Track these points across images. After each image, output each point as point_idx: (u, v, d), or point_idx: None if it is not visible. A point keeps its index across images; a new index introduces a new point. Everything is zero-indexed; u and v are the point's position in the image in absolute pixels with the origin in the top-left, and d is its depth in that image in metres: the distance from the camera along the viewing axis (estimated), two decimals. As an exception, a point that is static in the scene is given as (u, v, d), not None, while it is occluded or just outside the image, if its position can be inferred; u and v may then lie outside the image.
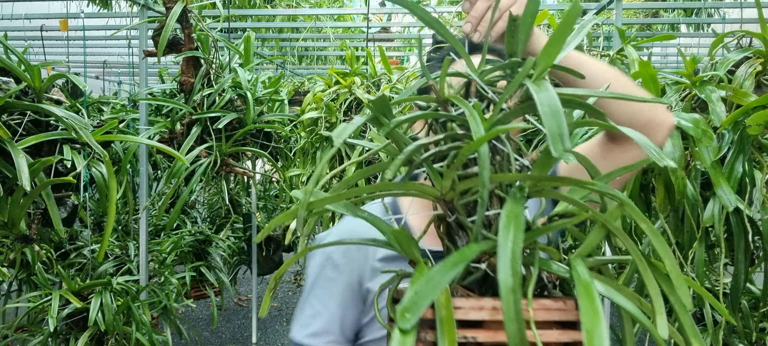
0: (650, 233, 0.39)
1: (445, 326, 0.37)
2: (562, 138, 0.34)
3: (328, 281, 0.89)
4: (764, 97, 0.92)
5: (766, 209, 1.06)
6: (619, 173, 0.47)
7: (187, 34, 1.81)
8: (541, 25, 1.62)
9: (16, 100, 1.31)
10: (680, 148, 0.96)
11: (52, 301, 1.85)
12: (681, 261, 1.13)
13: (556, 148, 0.33)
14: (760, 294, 1.79)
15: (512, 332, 0.33)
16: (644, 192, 1.14)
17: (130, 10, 3.09)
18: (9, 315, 2.34)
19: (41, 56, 3.26)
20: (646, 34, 4.24)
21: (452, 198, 0.46)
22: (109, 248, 2.51)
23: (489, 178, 0.39)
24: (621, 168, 0.47)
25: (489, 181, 0.39)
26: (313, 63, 5.52)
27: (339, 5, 5.17)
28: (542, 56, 0.42)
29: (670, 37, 1.39)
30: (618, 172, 0.47)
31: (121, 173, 2.03)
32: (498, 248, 0.35)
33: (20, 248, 1.51)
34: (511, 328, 0.33)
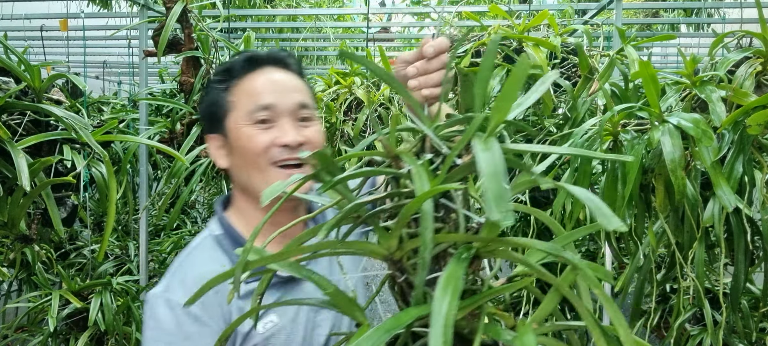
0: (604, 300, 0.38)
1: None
2: (500, 200, 0.33)
3: (189, 338, 0.79)
4: (764, 97, 0.92)
5: (766, 209, 1.06)
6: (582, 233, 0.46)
7: (187, 34, 1.80)
8: (541, 26, 1.62)
9: (16, 100, 1.31)
10: (680, 148, 0.96)
11: (52, 301, 1.85)
12: (681, 261, 1.13)
13: (493, 211, 0.32)
14: (760, 294, 1.79)
15: None
16: (644, 192, 1.14)
17: (130, 10, 3.09)
18: (9, 315, 2.34)
19: (41, 56, 3.26)
20: (646, 34, 4.24)
21: (401, 258, 0.44)
22: (109, 248, 2.51)
23: (431, 239, 0.38)
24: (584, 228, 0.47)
25: (431, 242, 0.38)
26: (313, 63, 5.52)
27: (339, 5, 5.18)
28: (494, 111, 0.40)
29: (670, 37, 1.39)
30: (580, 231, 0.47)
31: (121, 173, 2.03)
32: (431, 315, 0.34)
33: (20, 247, 1.51)
34: None
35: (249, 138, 0.86)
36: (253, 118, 0.86)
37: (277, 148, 0.86)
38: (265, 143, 0.86)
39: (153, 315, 0.80)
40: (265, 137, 0.86)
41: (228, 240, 0.89)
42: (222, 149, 0.92)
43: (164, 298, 0.81)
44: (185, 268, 0.85)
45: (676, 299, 1.26)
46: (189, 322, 0.79)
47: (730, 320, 1.43)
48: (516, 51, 1.44)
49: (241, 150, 0.87)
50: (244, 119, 0.87)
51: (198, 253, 0.88)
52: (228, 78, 0.91)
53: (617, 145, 1.10)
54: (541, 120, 1.62)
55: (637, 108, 1.05)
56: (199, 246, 0.89)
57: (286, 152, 0.86)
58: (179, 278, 0.83)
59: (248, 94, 0.88)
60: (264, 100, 0.87)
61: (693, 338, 1.82)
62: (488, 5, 2.84)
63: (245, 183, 0.89)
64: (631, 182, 1.01)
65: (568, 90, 1.43)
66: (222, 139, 0.91)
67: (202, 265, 0.85)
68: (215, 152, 0.93)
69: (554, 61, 1.47)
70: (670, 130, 0.97)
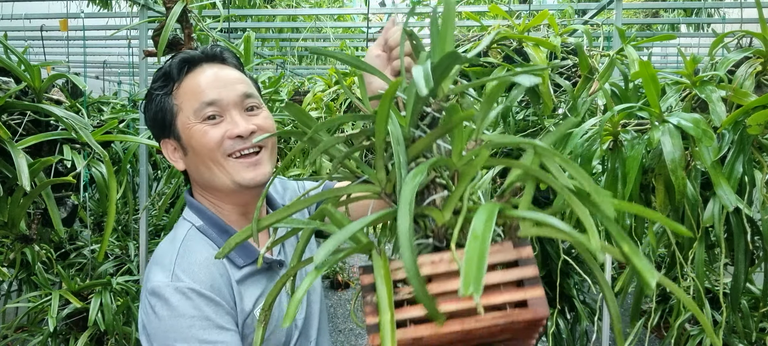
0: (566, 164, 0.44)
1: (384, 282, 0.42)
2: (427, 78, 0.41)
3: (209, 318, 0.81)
4: (764, 97, 0.92)
5: (766, 209, 1.06)
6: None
7: (187, 34, 1.80)
8: (541, 25, 1.62)
9: (16, 100, 1.31)
10: (680, 148, 0.96)
11: (52, 301, 1.85)
12: (681, 261, 1.13)
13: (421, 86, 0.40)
14: (760, 294, 1.79)
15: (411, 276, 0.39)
16: (644, 192, 1.14)
17: (130, 10, 3.09)
18: (9, 315, 2.34)
19: (41, 56, 3.26)
20: (646, 34, 4.24)
21: (391, 190, 0.50)
22: (109, 247, 2.51)
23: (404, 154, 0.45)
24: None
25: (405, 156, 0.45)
26: (313, 63, 5.52)
27: (339, 5, 5.17)
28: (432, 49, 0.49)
29: (670, 37, 1.39)
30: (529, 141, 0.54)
31: (121, 173, 2.03)
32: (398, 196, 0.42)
33: (20, 248, 1.51)
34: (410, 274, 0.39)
35: (201, 135, 0.87)
36: (201, 115, 0.88)
37: (229, 141, 0.87)
38: (218, 138, 0.87)
39: (166, 305, 0.80)
40: (217, 132, 0.87)
41: (212, 229, 0.91)
42: (177, 152, 0.93)
43: (173, 286, 0.81)
44: (184, 257, 0.85)
45: (676, 299, 1.26)
46: (205, 304, 0.81)
47: (730, 320, 1.43)
48: (516, 51, 1.44)
49: (196, 148, 0.88)
50: (193, 118, 0.88)
51: (191, 243, 0.88)
52: (168, 82, 0.92)
53: (617, 145, 1.10)
54: (541, 120, 1.62)
55: (637, 108, 1.05)
56: (188, 237, 0.89)
57: (240, 143, 0.88)
58: (182, 267, 0.84)
59: (192, 94, 0.89)
60: (208, 97, 0.88)
61: (693, 338, 1.82)
62: (488, 5, 2.84)
63: (207, 180, 0.90)
64: (631, 182, 1.01)
65: (568, 90, 1.43)
66: (174, 142, 0.92)
67: (200, 252, 0.87)
68: (171, 156, 0.94)
69: (554, 61, 1.47)
70: (670, 130, 0.97)
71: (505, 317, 0.42)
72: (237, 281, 0.88)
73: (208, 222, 0.92)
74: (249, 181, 0.88)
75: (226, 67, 0.94)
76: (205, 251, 0.87)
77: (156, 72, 0.94)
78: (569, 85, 1.43)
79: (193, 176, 0.94)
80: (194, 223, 0.92)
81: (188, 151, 0.90)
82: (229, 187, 0.89)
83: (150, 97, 0.94)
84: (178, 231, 0.92)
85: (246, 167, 0.88)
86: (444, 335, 0.42)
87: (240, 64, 0.97)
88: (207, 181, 0.91)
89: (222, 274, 0.86)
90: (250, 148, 0.89)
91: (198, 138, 0.88)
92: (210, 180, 0.90)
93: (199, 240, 0.89)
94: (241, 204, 0.94)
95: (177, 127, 0.90)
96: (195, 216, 0.93)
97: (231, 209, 0.94)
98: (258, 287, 0.90)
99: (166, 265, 0.85)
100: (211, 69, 0.92)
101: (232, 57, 0.96)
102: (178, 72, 0.91)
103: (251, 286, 0.90)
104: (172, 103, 0.91)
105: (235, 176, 0.88)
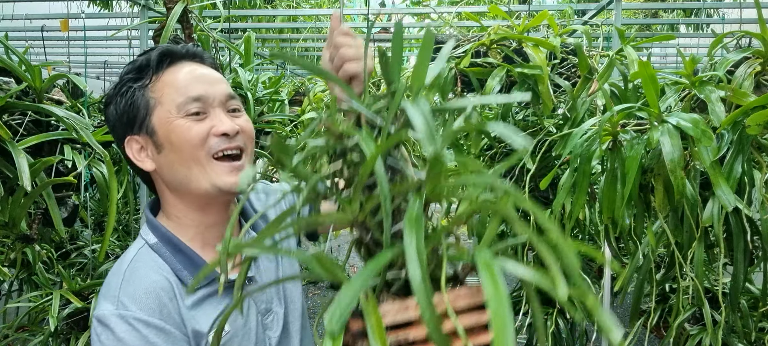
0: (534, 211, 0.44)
1: (375, 331, 0.41)
2: (431, 137, 0.41)
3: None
4: (764, 97, 0.92)
5: (765, 209, 1.07)
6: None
7: (187, 34, 1.81)
8: (541, 26, 1.62)
9: (17, 101, 1.32)
10: (679, 148, 0.96)
11: (53, 301, 1.85)
12: (681, 261, 1.13)
13: (427, 146, 0.40)
14: (760, 294, 1.80)
15: (428, 320, 0.38)
16: (643, 192, 1.14)
17: (131, 10, 3.09)
18: (9, 315, 2.34)
19: (42, 56, 3.26)
20: (646, 34, 4.24)
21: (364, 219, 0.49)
22: (110, 247, 2.51)
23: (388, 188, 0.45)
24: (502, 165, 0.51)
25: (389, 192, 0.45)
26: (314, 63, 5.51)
27: (339, 6, 5.17)
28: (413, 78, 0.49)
29: (669, 38, 1.40)
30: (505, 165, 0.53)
31: (122, 173, 2.04)
32: (405, 248, 0.40)
33: (21, 247, 1.51)
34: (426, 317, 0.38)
35: (185, 130, 0.82)
36: (185, 110, 0.82)
37: (215, 138, 0.83)
38: (202, 134, 0.82)
39: (111, 335, 0.75)
40: (202, 128, 0.82)
41: (166, 247, 0.85)
42: (144, 151, 0.87)
43: (118, 315, 0.76)
44: (130, 283, 0.80)
45: (676, 298, 1.27)
46: (153, 334, 0.76)
47: (729, 319, 1.44)
48: (516, 51, 1.44)
49: (177, 144, 0.82)
50: (175, 112, 0.82)
51: (138, 266, 0.83)
52: (144, 75, 0.86)
53: (617, 145, 1.10)
54: (541, 120, 1.62)
55: (637, 108, 1.05)
56: (136, 259, 0.84)
57: (225, 141, 0.83)
58: (128, 294, 0.79)
59: (174, 88, 0.84)
60: (194, 92, 0.83)
61: (692, 337, 1.82)
62: (488, 5, 2.84)
63: (182, 180, 0.84)
64: (631, 182, 1.01)
65: (567, 90, 1.43)
66: (144, 139, 0.86)
67: (147, 277, 0.81)
68: (136, 156, 0.87)
69: (554, 62, 1.47)
70: (670, 130, 0.98)
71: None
72: (189, 306, 0.82)
73: (162, 239, 0.86)
74: (230, 185, 0.83)
75: (206, 68, 0.90)
76: (154, 273, 0.82)
77: (128, 64, 0.88)
78: (569, 86, 1.43)
79: (165, 176, 0.86)
80: (148, 240, 0.86)
81: (164, 147, 0.84)
82: (205, 190, 0.83)
83: (120, 90, 0.86)
84: (129, 251, 0.87)
85: (229, 172, 0.83)
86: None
87: (217, 68, 0.93)
88: (181, 181, 0.84)
89: (171, 299, 0.80)
90: (233, 149, 0.84)
91: (180, 133, 0.82)
92: (185, 180, 0.84)
93: (148, 261, 0.84)
94: (209, 213, 0.89)
95: (152, 123, 0.84)
96: (150, 233, 0.87)
97: (195, 219, 0.88)
98: (217, 308, 0.84)
99: (112, 290, 0.80)
100: (192, 66, 0.88)
101: (210, 59, 0.92)
102: (157, 64, 0.86)
103: (208, 307, 0.84)
104: (148, 96, 0.85)
105: (215, 179, 0.83)
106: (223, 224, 0.91)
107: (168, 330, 0.78)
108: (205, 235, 0.89)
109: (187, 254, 0.86)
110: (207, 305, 0.84)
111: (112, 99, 0.88)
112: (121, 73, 0.88)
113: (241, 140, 0.86)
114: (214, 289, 0.85)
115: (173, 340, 0.78)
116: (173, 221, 0.88)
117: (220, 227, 0.91)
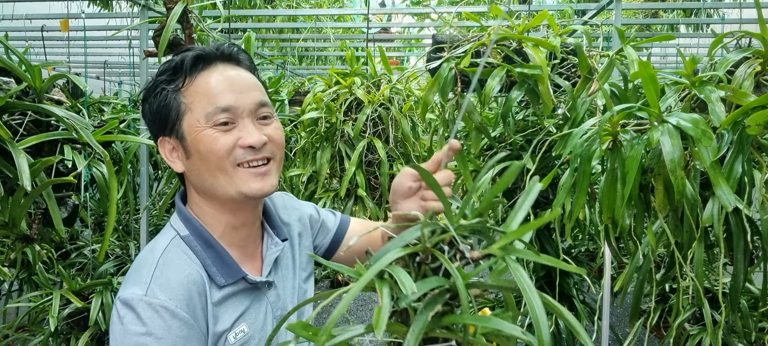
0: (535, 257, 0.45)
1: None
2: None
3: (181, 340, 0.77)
4: (764, 97, 0.92)
5: (765, 209, 1.07)
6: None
7: (187, 34, 1.81)
8: (541, 26, 1.62)
9: (17, 101, 1.32)
10: (679, 148, 0.96)
11: (53, 301, 1.85)
12: (681, 261, 1.13)
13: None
14: (760, 294, 1.80)
15: None
16: (643, 192, 1.14)
17: (131, 10, 3.09)
18: (10, 315, 2.34)
19: (42, 56, 3.26)
20: (646, 34, 4.24)
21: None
22: (109, 247, 2.51)
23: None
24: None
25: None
26: (314, 63, 5.52)
27: (339, 5, 5.18)
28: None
29: (669, 38, 1.39)
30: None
31: (122, 173, 2.04)
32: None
33: (21, 247, 1.51)
34: None
35: (211, 141, 0.82)
36: (213, 120, 0.82)
37: (241, 150, 0.83)
38: (229, 146, 0.82)
39: (136, 318, 0.76)
40: (228, 139, 0.82)
41: (197, 241, 0.86)
42: (175, 152, 0.88)
43: (146, 302, 0.77)
44: (165, 273, 0.81)
45: (676, 298, 1.27)
46: (177, 325, 0.77)
47: (729, 319, 1.44)
48: (516, 51, 1.44)
49: (204, 154, 0.83)
50: (204, 121, 0.82)
51: (172, 256, 0.84)
52: (177, 77, 0.85)
53: (617, 145, 1.10)
54: (541, 120, 1.62)
55: (637, 108, 1.05)
56: (169, 249, 0.85)
57: (251, 153, 0.83)
58: (159, 283, 0.79)
59: (205, 95, 0.83)
60: (223, 102, 0.82)
61: (692, 337, 1.82)
62: (488, 5, 2.84)
63: (208, 186, 0.85)
64: (631, 182, 1.01)
65: (567, 90, 1.43)
66: (175, 141, 0.86)
67: (180, 269, 0.82)
68: (168, 156, 0.88)
69: (554, 62, 1.47)
70: (670, 130, 0.97)
71: None
72: (215, 302, 0.83)
73: (194, 233, 0.87)
74: (256, 191, 0.84)
75: (240, 69, 0.88)
76: (186, 266, 0.83)
77: (164, 63, 0.88)
78: (569, 86, 1.43)
79: (193, 180, 0.88)
80: (179, 232, 0.87)
81: (192, 154, 0.85)
82: (231, 196, 0.84)
83: (154, 90, 0.87)
84: (160, 239, 0.87)
85: (254, 177, 0.84)
86: None
87: (254, 67, 0.92)
88: (208, 187, 0.86)
89: (200, 294, 0.81)
90: (260, 160, 0.84)
91: (207, 143, 0.82)
92: (211, 187, 0.85)
93: (180, 253, 0.85)
94: (237, 216, 0.90)
95: (182, 128, 0.85)
96: (182, 225, 0.88)
97: (222, 220, 0.89)
98: (239, 308, 0.86)
99: (143, 276, 0.80)
100: (226, 70, 0.86)
101: (247, 59, 0.91)
102: (191, 67, 0.85)
103: (231, 306, 0.85)
104: (179, 100, 0.84)
105: (241, 186, 0.84)
106: (249, 225, 0.93)
107: (191, 325, 0.78)
108: (232, 235, 0.90)
109: (217, 250, 0.87)
110: (229, 304, 0.85)
111: (148, 97, 0.88)
112: (157, 72, 0.88)
113: (268, 151, 0.86)
114: (239, 288, 0.87)
115: (195, 335, 0.78)
116: (201, 218, 0.89)
117: (246, 228, 0.92)
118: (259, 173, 0.84)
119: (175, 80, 0.85)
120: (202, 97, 0.83)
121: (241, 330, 0.85)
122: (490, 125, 1.81)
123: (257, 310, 0.89)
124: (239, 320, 0.85)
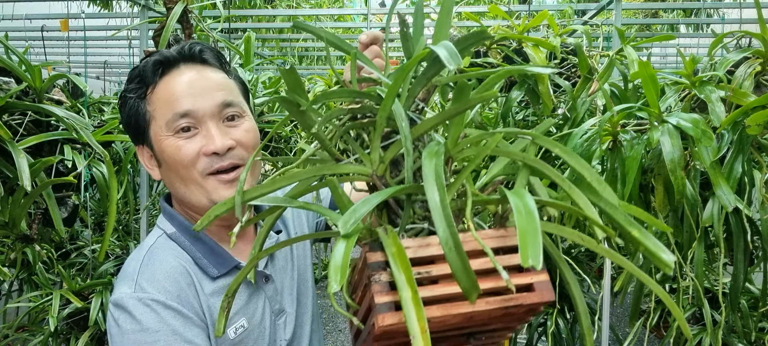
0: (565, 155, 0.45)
1: (397, 259, 0.40)
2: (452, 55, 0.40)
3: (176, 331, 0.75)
4: (763, 97, 0.92)
5: (765, 209, 1.07)
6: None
7: (187, 34, 1.81)
8: (541, 26, 1.62)
9: (17, 101, 1.31)
10: (680, 148, 0.96)
11: (53, 301, 1.85)
12: (681, 261, 1.13)
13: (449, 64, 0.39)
14: (759, 294, 1.80)
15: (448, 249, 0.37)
16: (644, 192, 1.14)
17: (131, 10, 3.09)
18: (10, 315, 2.35)
19: (42, 56, 3.26)
20: (646, 34, 4.24)
21: (383, 172, 0.49)
22: (109, 247, 2.51)
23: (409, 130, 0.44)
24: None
25: (410, 133, 0.44)
26: (314, 63, 5.52)
27: (339, 5, 5.18)
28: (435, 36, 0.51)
29: (669, 38, 1.39)
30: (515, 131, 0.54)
31: (122, 173, 2.04)
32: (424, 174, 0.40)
33: (21, 247, 1.51)
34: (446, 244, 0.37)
35: (174, 150, 0.79)
36: (174, 127, 0.79)
37: (205, 159, 0.79)
38: (192, 154, 0.79)
39: (129, 318, 0.74)
40: (192, 147, 0.79)
41: (184, 236, 0.85)
42: (153, 160, 0.85)
43: (136, 297, 0.75)
44: (150, 267, 0.80)
45: (676, 298, 1.27)
46: (171, 316, 0.75)
47: (729, 319, 1.44)
48: (516, 51, 1.44)
49: (170, 163, 0.80)
50: (165, 130, 0.80)
51: (158, 252, 0.82)
52: (142, 86, 0.83)
53: (617, 145, 1.10)
54: (541, 120, 1.62)
55: (637, 108, 1.05)
56: (155, 246, 0.84)
57: (217, 160, 0.79)
58: (146, 277, 0.78)
59: (165, 102, 0.80)
60: (182, 107, 0.79)
61: (692, 337, 1.82)
62: (488, 5, 2.84)
63: (182, 195, 0.83)
64: (631, 182, 1.01)
65: (567, 90, 1.43)
66: (150, 150, 0.84)
67: (166, 261, 0.81)
68: (148, 163, 0.86)
69: (554, 62, 1.47)
70: (670, 130, 0.98)
71: (512, 300, 0.42)
72: (209, 293, 0.81)
73: (180, 229, 0.85)
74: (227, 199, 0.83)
75: (206, 69, 0.84)
76: (172, 259, 0.81)
77: (130, 71, 0.86)
78: (569, 86, 1.43)
79: (170, 187, 0.86)
80: (165, 230, 0.86)
81: (162, 163, 0.83)
82: (205, 205, 0.81)
83: (124, 100, 0.85)
84: (147, 240, 0.86)
85: (224, 185, 0.80)
86: (450, 317, 0.41)
87: (222, 64, 0.88)
88: (182, 196, 0.83)
89: (189, 284, 0.79)
90: (226, 167, 0.80)
91: (170, 152, 0.79)
92: (185, 196, 0.83)
93: (166, 249, 0.83)
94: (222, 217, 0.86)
95: (150, 137, 0.82)
96: (167, 223, 0.86)
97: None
98: (236, 301, 0.83)
99: (129, 275, 0.79)
100: (188, 72, 0.82)
101: (213, 57, 0.86)
102: (152, 74, 0.82)
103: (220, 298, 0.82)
104: (145, 109, 0.82)
105: (212, 194, 0.80)
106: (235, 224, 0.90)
107: (185, 314, 0.77)
108: (220, 233, 0.89)
109: (206, 242, 0.85)
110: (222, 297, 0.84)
111: (120, 106, 0.87)
112: (127, 79, 0.86)
113: (235, 156, 0.81)
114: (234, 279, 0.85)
115: (191, 324, 0.77)
116: (187, 215, 0.88)
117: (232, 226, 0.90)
118: (228, 179, 0.81)
119: (140, 89, 0.83)
120: (163, 104, 0.80)
121: (241, 325, 0.83)
122: (490, 125, 1.81)
123: (255, 304, 0.87)
124: (238, 314, 0.84)
